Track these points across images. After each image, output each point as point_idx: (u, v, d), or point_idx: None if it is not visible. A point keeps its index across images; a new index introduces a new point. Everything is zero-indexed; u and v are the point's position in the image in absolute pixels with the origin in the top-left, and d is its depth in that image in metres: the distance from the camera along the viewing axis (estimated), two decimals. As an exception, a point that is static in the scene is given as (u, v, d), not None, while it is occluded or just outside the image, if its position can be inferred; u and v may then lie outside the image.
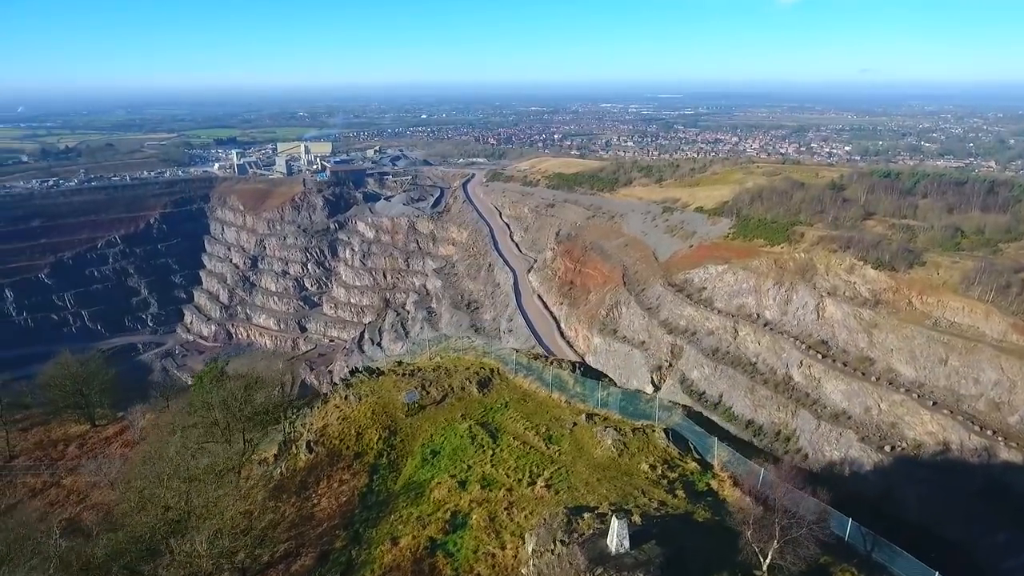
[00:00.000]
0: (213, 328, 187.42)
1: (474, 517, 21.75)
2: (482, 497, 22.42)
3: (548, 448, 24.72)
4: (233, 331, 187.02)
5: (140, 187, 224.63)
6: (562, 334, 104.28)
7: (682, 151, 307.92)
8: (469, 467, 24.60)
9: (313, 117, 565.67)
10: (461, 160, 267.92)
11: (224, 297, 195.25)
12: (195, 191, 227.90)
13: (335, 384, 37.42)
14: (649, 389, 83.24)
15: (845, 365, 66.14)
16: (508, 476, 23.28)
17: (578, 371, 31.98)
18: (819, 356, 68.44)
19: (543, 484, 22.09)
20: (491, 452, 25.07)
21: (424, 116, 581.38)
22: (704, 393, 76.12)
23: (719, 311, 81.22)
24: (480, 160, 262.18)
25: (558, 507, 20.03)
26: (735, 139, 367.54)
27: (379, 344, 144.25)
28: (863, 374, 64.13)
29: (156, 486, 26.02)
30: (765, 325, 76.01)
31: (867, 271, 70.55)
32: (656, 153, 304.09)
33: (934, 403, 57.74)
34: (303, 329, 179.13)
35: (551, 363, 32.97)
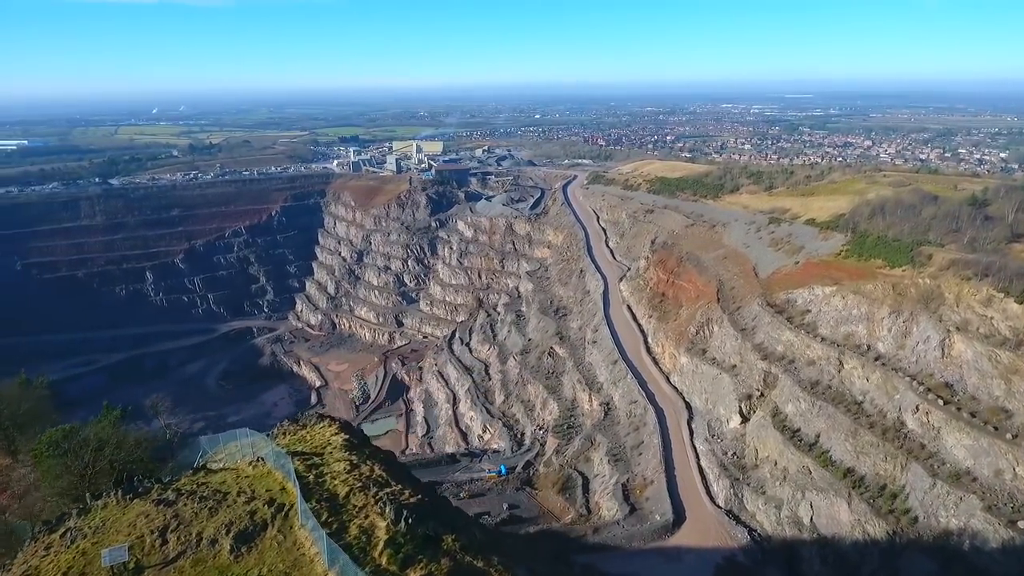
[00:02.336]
0: (320, 317, 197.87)
1: None
2: None
3: None
4: (337, 322, 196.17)
5: (265, 181, 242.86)
6: (648, 350, 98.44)
7: (804, 155, 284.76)
8: None
9: (432, 116, 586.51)
10: (566, 161, 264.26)
11: (331, 288, 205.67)
12: (313, 186, 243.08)
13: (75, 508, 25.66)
14: (737, 419, 76.10)
15: (973, 416, 55.87)
16: None
17: (403, 524, 21.22)
18: (941, 402, 58.42)
19: None
20: None
21: (537, 116, 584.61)
22: (799, 431, 67.90)
23: (823, 339, 72.23)
24: (585, 161, 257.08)
25: None
26: (868, 143, 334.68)
27: (468, 344, 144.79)
28: (996, 428, 53.78)
29: None
30: (876, 359, 66.41)
31: (1009, 305, 59.40)
32: (775, 157, 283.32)
33: (1088, 474, 47.24)
34: (400, 324, 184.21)
35: (377, 500, 22.90)
